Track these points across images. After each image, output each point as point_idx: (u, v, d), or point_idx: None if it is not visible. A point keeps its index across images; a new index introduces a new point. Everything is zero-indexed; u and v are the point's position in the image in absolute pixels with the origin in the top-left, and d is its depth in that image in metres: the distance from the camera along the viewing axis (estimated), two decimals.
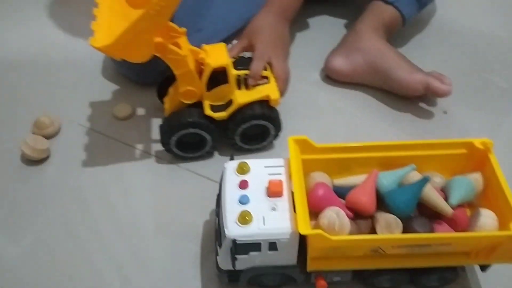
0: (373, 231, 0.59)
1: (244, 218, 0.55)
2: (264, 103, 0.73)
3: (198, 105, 0.73)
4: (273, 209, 0.56)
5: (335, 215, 0.55)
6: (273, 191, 0.57)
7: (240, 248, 0.55)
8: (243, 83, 0.73)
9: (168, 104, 0.76)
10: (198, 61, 0.72)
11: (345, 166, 0.63)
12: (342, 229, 0.55)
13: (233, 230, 0.55)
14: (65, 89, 0.88)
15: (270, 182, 0.57)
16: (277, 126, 0.75)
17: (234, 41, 0.89)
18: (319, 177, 0.62)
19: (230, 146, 0.77)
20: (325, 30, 1.00)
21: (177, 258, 0.67)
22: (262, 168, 0.60)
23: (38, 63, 0.93)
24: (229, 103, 0.72)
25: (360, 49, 0.85)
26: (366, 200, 0.58)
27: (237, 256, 0.56)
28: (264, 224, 0.55)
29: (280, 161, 0.61)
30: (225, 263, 0.58)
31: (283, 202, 0.57)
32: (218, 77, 0.71)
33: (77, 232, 0.70)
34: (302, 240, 0.55)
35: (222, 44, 0.73)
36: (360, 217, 0.59)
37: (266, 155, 0.78)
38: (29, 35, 1.00)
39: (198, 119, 0.72)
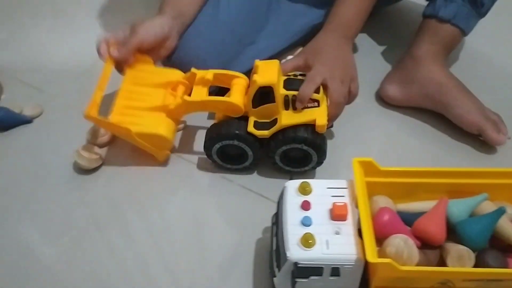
0: (441, 261, 0.56)
1: (307, 241, 0.53)
2: (310, 127, 0.69)
3: (247, 118, 0.72)
4: (337, 233, 0.54)
5: (403, 243, 0.52)
6: (337, 214, 0.54)
7: (301, 271, 0.53)
8: (291, 103, 0.70)
9: (218, 114, 0.75)
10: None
11: (410, 191, 0.61)
12: (411, 258, 0.52)
13: (295, 252, 0.52)
14: None
15: (334, 205, 0.55)
16: (321, 154, 0.71)
17: (289, 57, 0.87)
18: (383, 201, 0.59)
19: (270, 164, 0.75)
20: (376, 46, 0.99)
21: (224, 276, 0.65)
22: (325, 189, 0.58)
23: (92, 72, 0.93)
24: (274, 122, 0.70)
25: (418, 80, 0.82)
26: (436, 229, 0.55)
27: (297, 280, 0.53)
28: (327, 248, 0.52)
29: (343, 183, 0.59)
30: (283, 285, 0.56)
31: (348, 226, 0.54)
32: (269, 94, 0.69)
33: (111, 237, 0.69)
34: (365, 267, 0.53)
35: (275, 61, 0.71)
36: (427, 246, 0.56)
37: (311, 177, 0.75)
38: (83, 44, 1.00)
39: (244, 133, 0.71)
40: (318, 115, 0.69)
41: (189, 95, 0.73)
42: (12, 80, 0.91)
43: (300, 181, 0.59)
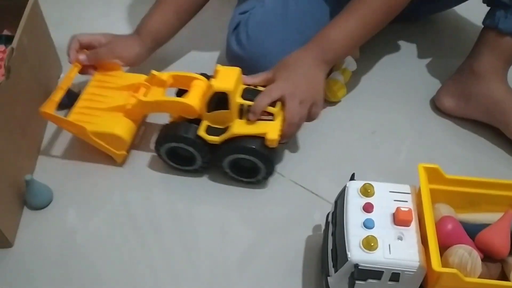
0: (501, 275, 0.55)
1: (369, 244, 0.52)
2: (260, 139, 0.68)
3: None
4: (399, 238, 0.53)
5: (468, 254, 0.52)
6: (401, 220, 0.54)
7: (360, 273, 0.52)
8: (246, 113, 0.69)
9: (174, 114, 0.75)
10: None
11: (472, 202, 0.60)
12: (474, 271, 0.51)
13: (356, 254, 0.52)
14: None
15: (398, 210, 0.54)
16: (269, 167, 0.71)
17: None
18: (445, 209, 0.59)
19: (219, 171, 0.74)
20: (431, 50, 0.97)
21: (269, 274, 0.65)
22: (387, 192, 0.57)
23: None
24: (226, 129, 0.70)
25: (477, 96, 0.80)
26: (500, 242, 0.54)
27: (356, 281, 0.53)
28: (390, 253, 0.52)
29: (406, 188, 0.58)
30: (338, 285, 0.55)
31: (411, 232, 0.54)
32: (226, 100, 0.68)
33: (140, 227, 0.70)
34: None
35: (237, 69, 0.70)
36: (489, 259, 0.55)
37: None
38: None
39: (193, 137, 0.70)
40: (270, 129, 0.68)
41: None
42: None
43: (362, 182, 0.58)
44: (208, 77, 0.74)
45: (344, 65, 0.87)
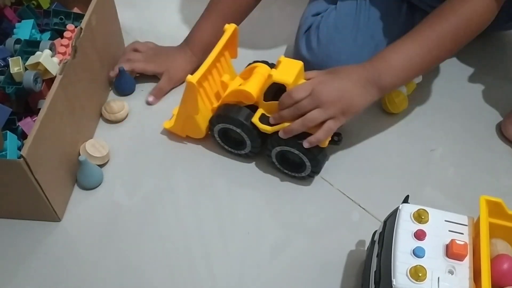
0: None
1: (417, 274, 0.50)
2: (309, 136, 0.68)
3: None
4: (450, 272, 0.51)
5: None
6: (454, 253, 0.51)
7: None
8: None
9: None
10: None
11: None
12: None
13: (402, 282, 0.50)
14: None
15: (453, 242, 0.51)
16: (315, 166, 0.71)
17: None
18: (502, 246, 0.55)
19: (266, 159, 0.75)
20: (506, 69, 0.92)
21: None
22: (442, 221, 0.55)
23: None
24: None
25: None
26: None
27: None
28: (438, 286, 0.49)
29: (463, 219, 0.55)
30: None
31: (463, 267, 0.51)
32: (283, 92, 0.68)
33: (179, 205, 0.72)
34: None
35: (299, 63, 0.69)
36: None
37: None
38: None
39: (243, 120, 0.70)
40: None
41: None
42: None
43: (417, 207, 0.55)
44: (269, 64, 0.74)
45: None
